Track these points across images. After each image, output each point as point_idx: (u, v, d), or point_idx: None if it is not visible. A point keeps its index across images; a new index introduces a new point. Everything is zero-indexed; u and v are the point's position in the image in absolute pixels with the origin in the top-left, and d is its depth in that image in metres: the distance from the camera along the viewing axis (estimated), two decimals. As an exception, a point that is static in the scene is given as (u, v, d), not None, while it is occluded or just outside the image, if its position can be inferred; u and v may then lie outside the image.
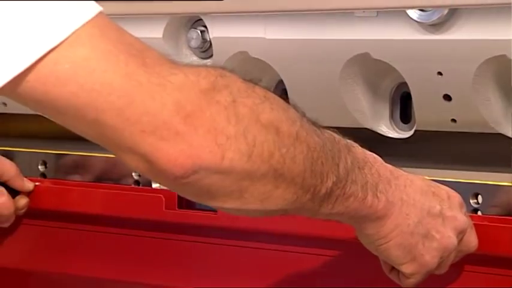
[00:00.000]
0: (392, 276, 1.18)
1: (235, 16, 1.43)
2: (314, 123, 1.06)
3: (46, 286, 1.64)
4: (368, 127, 1.41)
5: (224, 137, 0.95)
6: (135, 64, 0.92)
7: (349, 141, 1.10)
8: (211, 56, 1.47)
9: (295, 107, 1.04)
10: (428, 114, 1.35)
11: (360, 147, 1.11)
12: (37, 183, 1.54)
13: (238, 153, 0.96)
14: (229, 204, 1.01)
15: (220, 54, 1.45)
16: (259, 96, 0.99)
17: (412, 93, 1.35)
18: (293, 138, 1.00)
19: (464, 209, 1.20)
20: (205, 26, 1.46)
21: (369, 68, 1.37)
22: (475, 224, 1.21)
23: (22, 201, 1.54)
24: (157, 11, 1.45)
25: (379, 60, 1.34)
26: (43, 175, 1.59)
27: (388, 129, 1.42)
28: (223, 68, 0.99)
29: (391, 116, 1.42)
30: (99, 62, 0.91)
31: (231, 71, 1.00)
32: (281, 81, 1.45)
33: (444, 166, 1.37)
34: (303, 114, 1.04)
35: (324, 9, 1.33)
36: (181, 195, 1.02)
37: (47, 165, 1.60)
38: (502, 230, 1.22)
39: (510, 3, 1.20)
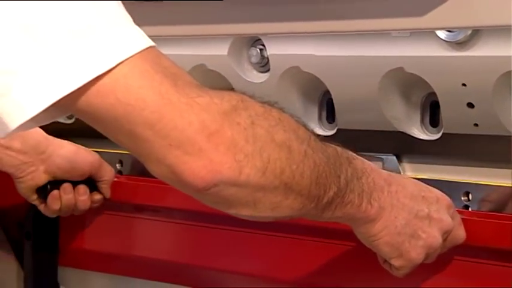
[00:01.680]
0: (385, 267, 1.18)
1: (289, 36, 1.43)
2: (320, 140, 1.05)
3: (118, 265, 1.62)
4: (402, 130, 1.41)
5: (242, 155, 0.94)
6: (168, 84, 0.91)
7: (350, 153, 1.09)
8: (269, 70, 1.48)
9: (305, 126, 1.03)
10: (454, 119, 1.35)
11: (360, 159, 1.10)
12: (114, 179, 1.54)
13: (254, 169, 0.95)
14: (244, 212, 1.00)
15: (276, 69, 1.46)
16: (274, 118, 0.98)
17: (440, 102, 1.35)
18: (302, 155, 0.99)
19: (453, 210, 1.19)
20: (263, 45, 1.47)
21: (403, 80, 1.37)
22: (465, 219, 1.20)
23: (97, 196, 1.53)
24: (224, 33, 1.42)
25: (412, 74, 1.35)
26: (119, 172, 1.59)
27: (419, 132, 1.41)
28: (244, 93, 0.98)
29: (422, 121, 1.41)
30: (136, 80, 0.90)
31: (251, 96, 0.98)
32: (328, 92, 1.45)
33: (467, 164, 1.37)
34: (312, 132, 1.03)
35: (365, 30, 1.30)
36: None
37: (123, 164, 1.59)
38: (489, 224, 1.21)
39: (524, 25, 1.18)
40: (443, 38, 1.29)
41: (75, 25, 0.88)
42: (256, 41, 1.48)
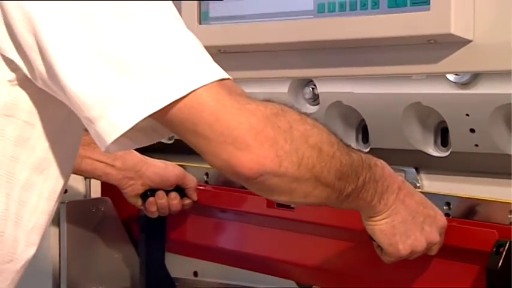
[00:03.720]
0: (377, 251, 1.12)
1: (334, 78, 1.44)
2: (348, 147, 1.01)
3: (205, 252, 1.58)
4: (419, 149, 1.41)
5: (282, 151, 0.90)
6: (224, 93, 0.88)
7: (374, 161, 1.04)
8: (318, 103, 1.47)
9: (335, 134, 0.98)
10: (460, 141, 1.35)
11: (381, 167, 1.05)
12: (201, 187, 1.53)
13: (291, 163, 0.91)
14: (282, 198, 0.97)
15: (323, 103, 1.47)
16: (309, 125, 0.94)
17: (449, 128, 1.36)
18: (330, 156, 0.95)
19: (444, 230, 1.12)
20: (315, 85, 1.47)
21: (421, 111, 1.38)
22: (454, 226, 1.15)
23: (187, 201, 1.52)
24: (284, 76, 1.43)
25: (427, 106, 1.36)
26: (206, 182, 1.57)
27: (433, 151, 1.41)
28: (285, 104, 0.95)
29: (435, 142, 1.41)
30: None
31: (291, 106, 0.96)
32: (363, 120, 1.46)
33: (469, 175, 1.37)
34: (340, 140, 0.99)
35: (392, 73, 1.32)
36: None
37: (209, 176, 1.57)
38: (465, 229, 1.17)
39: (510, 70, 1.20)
40: (451, 79, 1.31)
41: (160, 61, 0.86)
42: (309, 82, 1.48)
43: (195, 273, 1.64)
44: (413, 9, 1.20)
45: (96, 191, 1.64)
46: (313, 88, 1.48)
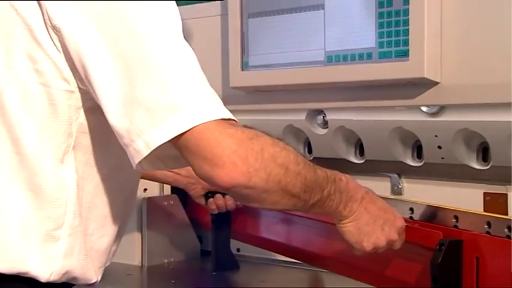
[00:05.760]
0: (349, 246, 1.08)
1: (339, 109, 1.48)
2: (315, 166, 0.97)
3: (252, 239, 1.57)
4: (401, 160, 1.45)
5: (252, 168, 0.88)
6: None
7: (338, 176, 1.01)
8: (327, 127, 1.51)
9: (302, 156, 0.95)
10: (431, 154, 1.39)
11: (345, 181, 1.02)
12: None
13: (260, 178, 0.89)
14: (255, 204, 0.94)
15: (331, 127, 1.50)
16: (280, 147, 0.92)
17: (422, 145, 1.41)
18: (296, 173, 0.93)
19: (402, 230, 1.09)
20: (325, 113, 1.51)
21: (402, 133, 1.42)
22: (408, 226, 1.11)
23: (230, 202, 1.53)
24: (303, 107, 1.50)
25: (407, 130, 1.41)
26: None
27: (411, 162, 1.45)
28: (262, 131, 0.92)
29: (412, 155, 1.45)
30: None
31: (265, 132, 0.93)
32: (360, 139, 1.48)
33: (437, 179, 1.41)
34: (306, 160, 0.96)
35: (381, 106, 1.37)
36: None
37: None
38: (417, 230, 1.16)
39: (469, 104, 1.28)
40: (424, 110, 1.36)
41: (174, 105, 0.88)
42: (320, 111, 1.53)
43: (238, 250, 1.71)
44: (397, 59, 1.29)
45: (167, 190, 1.73)
46: (323, 116, 1.53)
